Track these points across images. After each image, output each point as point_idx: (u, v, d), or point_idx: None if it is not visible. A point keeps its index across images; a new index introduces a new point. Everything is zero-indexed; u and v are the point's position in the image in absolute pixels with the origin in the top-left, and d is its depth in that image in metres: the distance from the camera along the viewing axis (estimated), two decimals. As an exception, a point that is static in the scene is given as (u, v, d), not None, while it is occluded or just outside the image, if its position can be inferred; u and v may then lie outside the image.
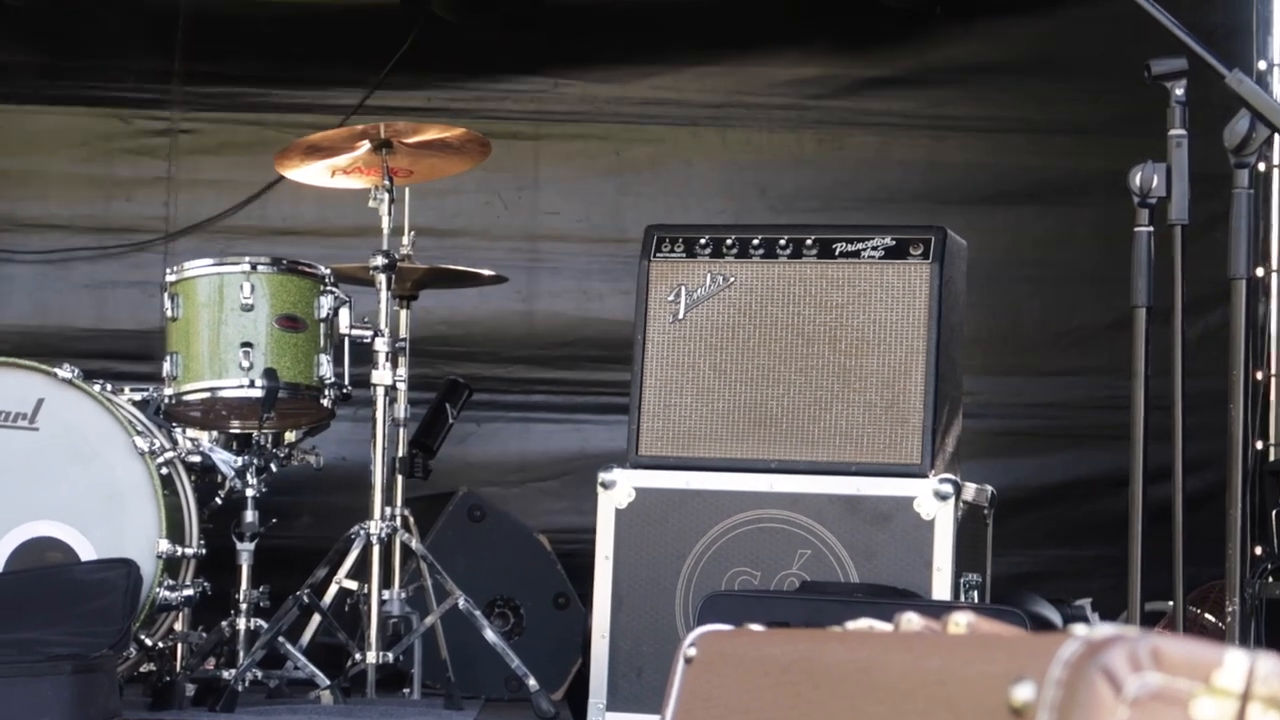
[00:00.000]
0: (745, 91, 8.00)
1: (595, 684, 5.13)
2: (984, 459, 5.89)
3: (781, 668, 1.80)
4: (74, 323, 7.73)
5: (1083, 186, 7.50)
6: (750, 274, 5.21)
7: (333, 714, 5.37)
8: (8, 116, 7.94)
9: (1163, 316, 4.78)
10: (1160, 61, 4.46)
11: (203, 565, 5.69)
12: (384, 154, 5.74)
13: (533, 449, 7.79)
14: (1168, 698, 1.15)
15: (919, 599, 4.74)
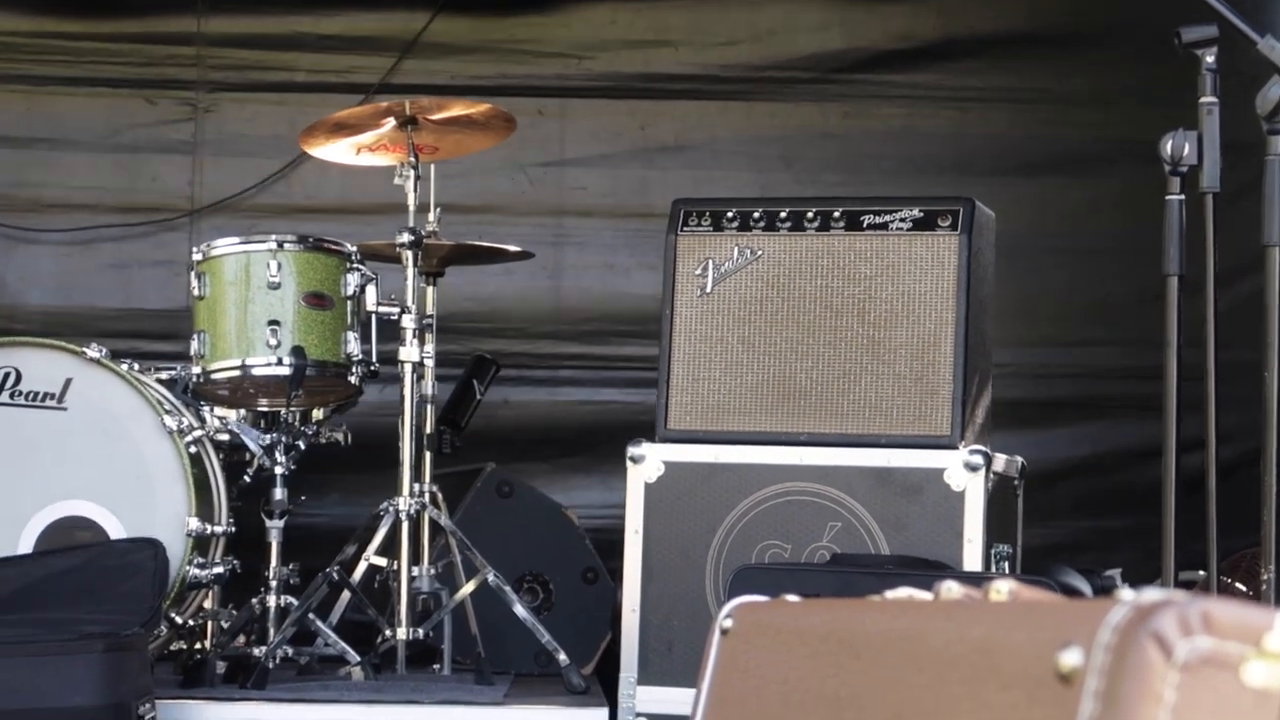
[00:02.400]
0: (770, 65, 8.00)
1: (626, 658, 5.14)
2: (1014, 430, 5.89)
3: (820, 638, 1.80)
4: (101, 302, 7.75)
5: (1109, 156, 7.48)
6: (777, 247, 5.21)
7: (363, 690, 5.37)
8: (33, 98, 7.96)
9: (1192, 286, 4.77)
10: (1191, 29, 4.44)
11: (232, 543, 5.69)
12: (409, 131, 5.74)
13: (560, 424, 7.79)
14: (1218, 662, 1.14)
15: (950, 570, 4.74)
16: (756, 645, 2.00)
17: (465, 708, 5.20)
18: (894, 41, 8.05)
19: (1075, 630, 1.22)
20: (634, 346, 7.37)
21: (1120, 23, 7.56)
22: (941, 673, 1.46)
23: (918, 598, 1.75)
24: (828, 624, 1.82)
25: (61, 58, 7.98)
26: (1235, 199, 4.65)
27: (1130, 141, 5.60)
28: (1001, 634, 1.39)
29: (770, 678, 1.89)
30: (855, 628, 1.73)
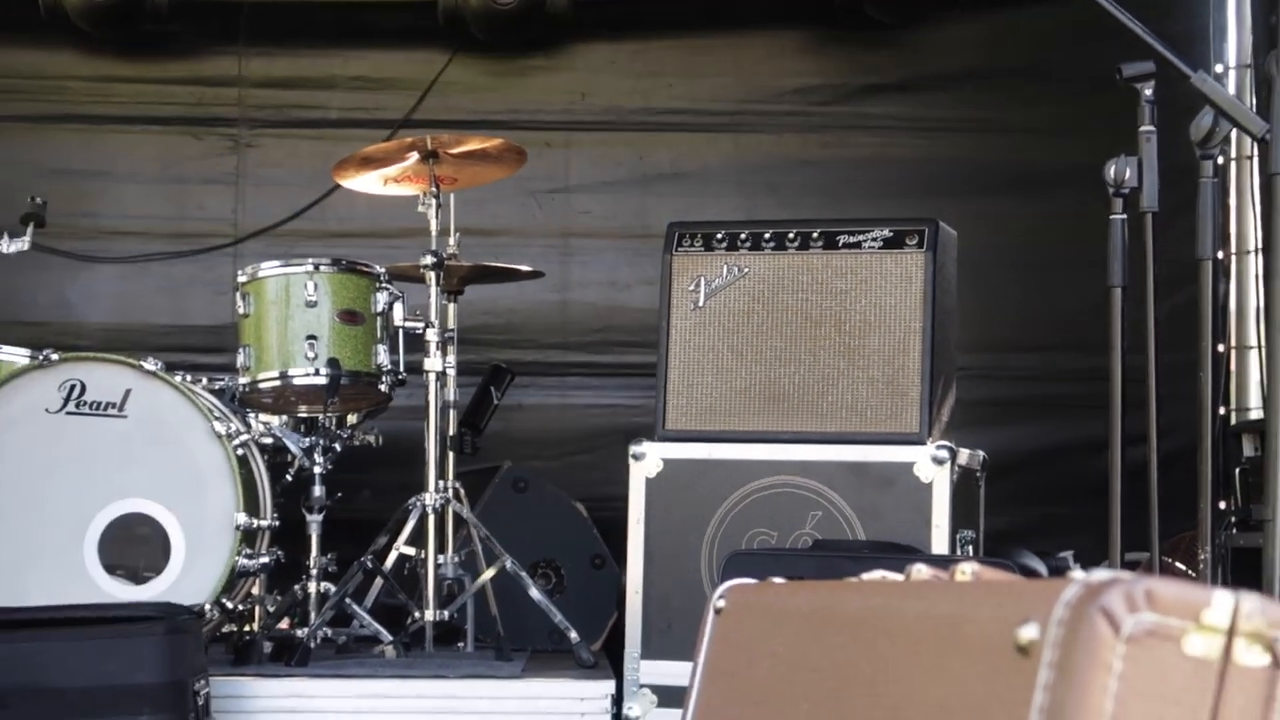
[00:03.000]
0: (755, 100, 8.00)
1: (630, 635, 5.14)
2: (975, 427, 5.87)
3: (804, 615, 1.81)
4: (155, 320, 7.75)
5: (1059, 179, 7.48)
6: (763, 264, 5.21)
7: (395, 667, 5.37)
8: (92, 136, 7.96)
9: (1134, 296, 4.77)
10: (1131, 65, 4.46)
11: (276, 536, 5.70)
12: (431, 164, 5.74)
13: (569, 426, 7.79)
14: (1162, 635, 1.15)
15: (920, 554, 4.74)
16: (747, 623, 2.01)
17: (487, 681, 5.19)
18: (866, 78, 8.05)
19: (1032, 607, 1.23)
20: (634, 355, 7.36)
21: (1067, 60, 7.56)
22: (913, 646, 1.47)
23: (891, 579, 1.76)
24: (811, 603, 1.83)
25: (116, 99, 7.98)
26: (1173, 218, 4.65)
27: (1078, 166, 5.58)
28: (966, 611, 1.40)
29: (760, 651, 1.89)
30: (835, 606, 1.73)
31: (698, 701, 2.08)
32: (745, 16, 8.04)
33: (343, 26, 7.99)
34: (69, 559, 5.28)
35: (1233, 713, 1.17)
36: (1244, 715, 1.17)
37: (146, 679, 4.36)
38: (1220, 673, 1.16)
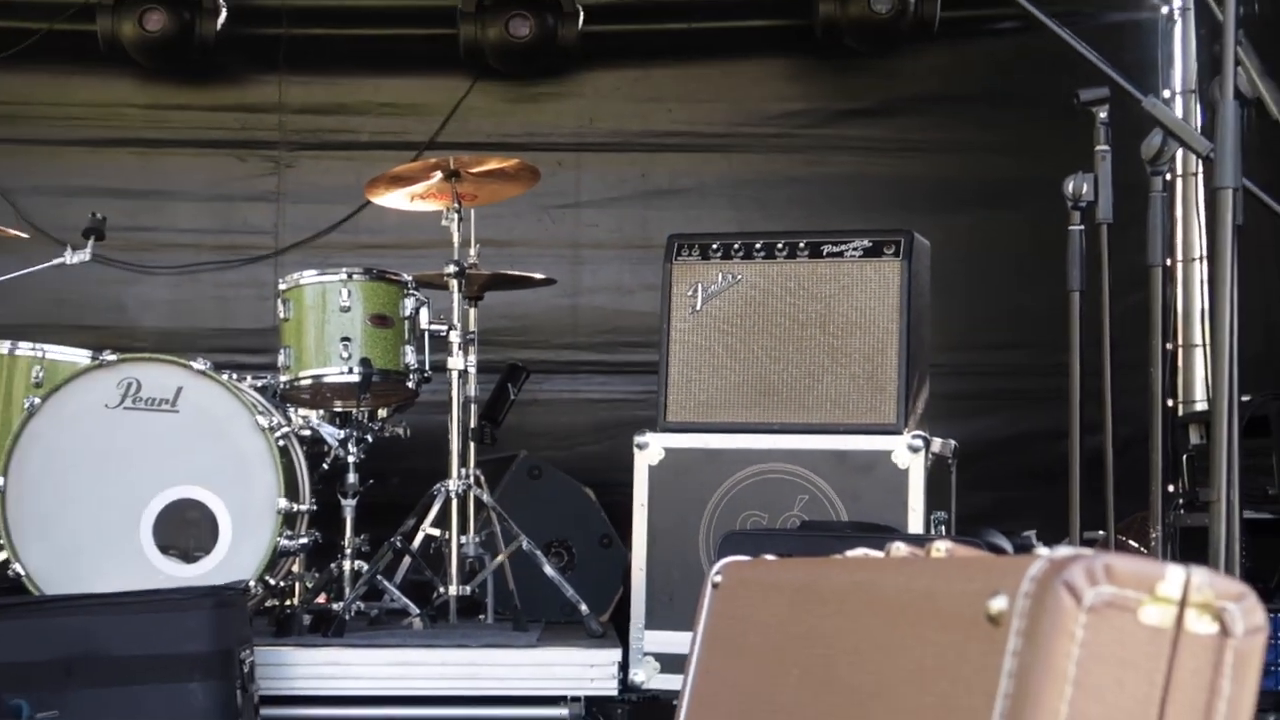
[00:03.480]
0: (746, 123, 8.01)
1: (635, 608, 5.14)
2: (947, 418, 5.87)
3: (794, 589, 1.81)
4: (203, 324, 7.76)
5: (1021, 194, 7.48)
6: (754, 272, 5.21)
7: (422, 637, 5.37)
8: (147, 158, 7.97)
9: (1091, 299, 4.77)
10: (1088, 91, 4.45)
11: (314, 519, 5.69)
12: (453, 182, 5.73)
13: (579, 418, 7.79)
14: (1119, 605, 1.15)
15: (897, 533, 4.74)
16: (741, 596, 2.00)
17: (505, 650, 5.19)
18: (846, 103, 8.06)
19: (1001, 581, 1.23)
20: (638, 354, 7.35)
21: (1029, 85, 7.55)
22: (892, 616, 1.47)
23: (872, 555, 1.76)
24: (799, 578, 1.83)
25: (169, 124, 8.00)
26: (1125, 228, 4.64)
27: (1039, 182, 5.57)
28: (941, 584, 1.40)
29: (753, 622, 1.89)
30: (822, 581, 1.73)
31: (697, 668, 2.08)
32: (736, 47, 8.05)
33: (373, 57, 8.00)
34: (127, 540, 5.28)
35: (1185, 676, 1.16)
36: (1195, 678, 1.16)
37: (197, 648, 4.37)
38: (1173, 640, 1.16)
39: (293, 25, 7.93)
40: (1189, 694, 1.16)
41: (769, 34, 8.04)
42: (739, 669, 1.90)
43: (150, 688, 4.33)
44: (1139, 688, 1.16)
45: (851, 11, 7.58)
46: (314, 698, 5.04)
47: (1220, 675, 1.16)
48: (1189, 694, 1.16)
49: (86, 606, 4.38)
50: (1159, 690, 1.16)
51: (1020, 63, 7.57)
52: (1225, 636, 1.16)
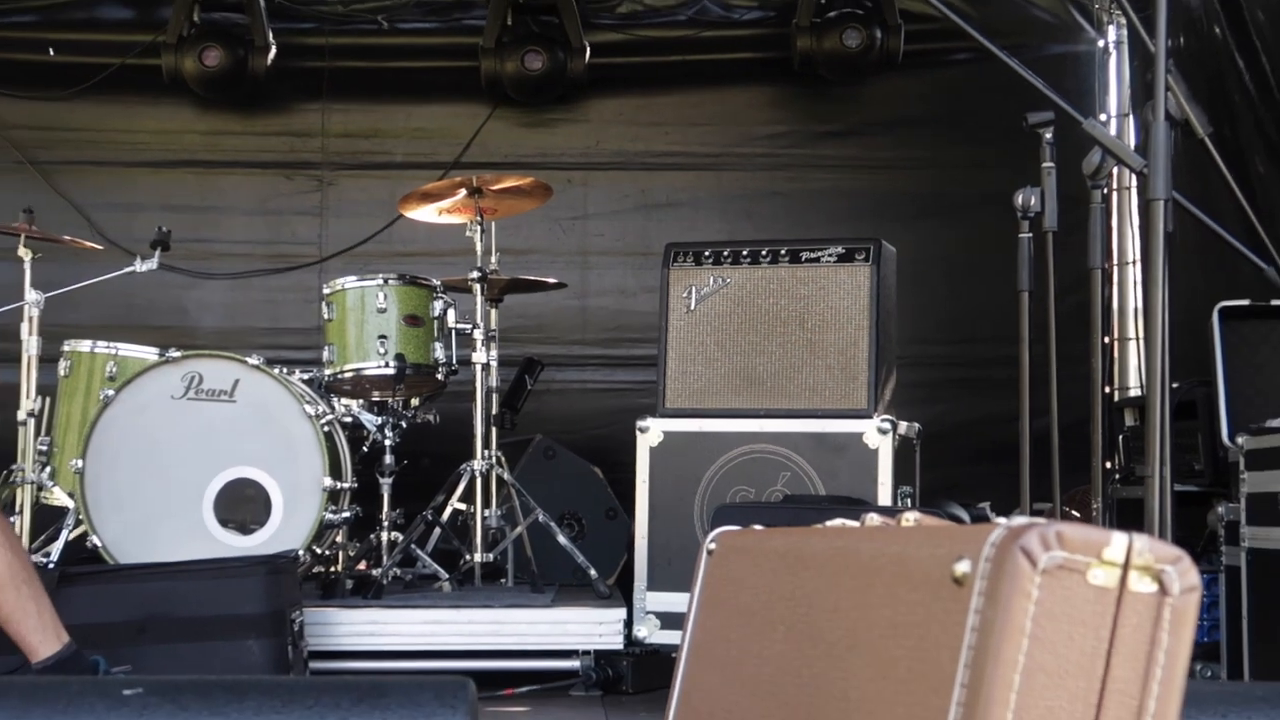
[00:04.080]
0: (735, 144, 8.02)
1: (638, 571, 5.13)
2: (912, 404, 5.86)
3: (779, 555, 1.80)
4: (256, 324, 7.76)
5: (976, 205, 7.47)
6: (741, 276, 5.20)
7: (451, 599, 5.38)
8: (205, 177, 7.98)
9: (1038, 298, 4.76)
10: (1035, 114, 4.47)
11: (355, 495, 5.69)
12: (476, 197, 5.73)
13: (588, 405, 7.79)
14: (1070, 568, 1.14)
15: (869, 505, 4.73)
16: (733, 561, 2.00)
17: (524, 609, 5.19)
18: (822, 126, 8.06)
19: (965, 547, 1.22)
20: (640, 349, 7.35)
21: (982, 110, 7.54)
22: (867, 578, 1.46)
23: (849, 525, 1.75)
24: (785, 545, 1.82)
25: (224, 148, 8.01)
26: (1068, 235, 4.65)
27: (991, 195, 5.58)
28: (910, 550, 1.39)
29: (744, 584, 1.88)
30: (805, 547, 1.72)
31: (695, 625, 2.07)
32: (726, 78, 8.06)
33: (405, 88, 8.01)
34: (191, 515, 5.28)
35: (1128, 630, 1.16)
36: (1137, 632, 1.16)
37: (253, 610, 4.37)
38: (1118, 598, 1.15)
39: (334, 60, 7.93)
40: (1132, 646, 1.16)
41: (754, 66, 8.04)
42: (731, 626, 1.90)
43: (212, 644, 4.33)
44: (1087, 641, 1.15)
45: (826, 46, 7.58)
46: (356, 652, 5.04)
47: (1159, 629, 1.16)
48: (1132, 646, 1.16)
49: (156, 573, 4.38)
50: (1105, 643, 1.16)
51: (974, 90, 7.57)
52: (1164, 595, 1.16)
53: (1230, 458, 4.73)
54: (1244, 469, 4.54)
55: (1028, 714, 1.15)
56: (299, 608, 4.68)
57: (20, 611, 3.65)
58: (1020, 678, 1.14)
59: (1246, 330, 5.19)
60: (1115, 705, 1.16)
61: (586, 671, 5.09)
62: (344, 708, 1.44)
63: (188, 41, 7.55)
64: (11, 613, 3.65)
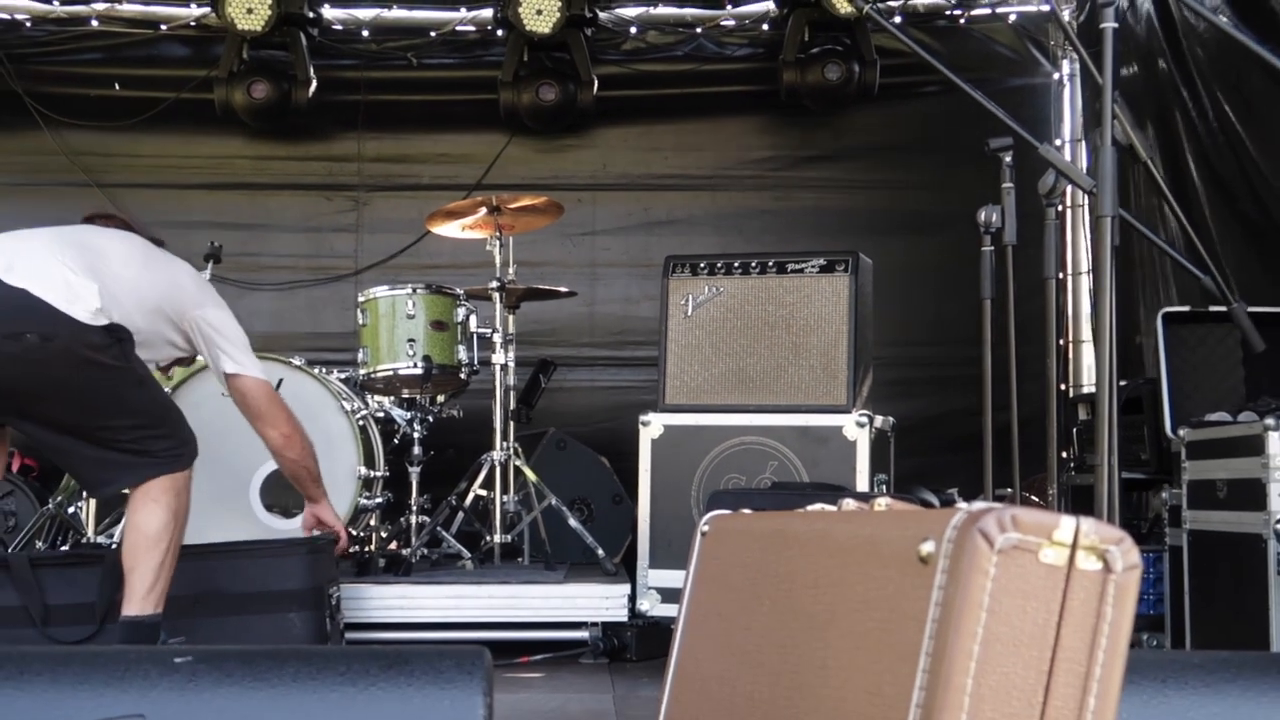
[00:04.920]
0: (727, 167, 8.02)
1: (641, 551, 5.13)
2: (887, 400, 5.85)
3: (766, 536, 1.80)
4: (298, 329, 7.77)
5: (944, 222, 7.47)
6: (734, 285, 5.20)
7: (473, 576, 5.37)
8: (253, 197, 7.99)
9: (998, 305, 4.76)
10: (995, 140, 4.46)
11: (386, 483, 5.70)
12: (496, 215, 5.73)
13: (596, 402, 7.79)
14: (1023, 548, 1.14)
15: (848, 491, 4.73)
16: (725, 542, 1.99)
17: (538, 585, 5.19)
18: (806, 151, 8.07)
19: (930, 529, 1.22)
20: (642, 351, 7.36)
21: (948, 136, 7.53)
22: (844, 557, 1.46)
23: (827, 509, 1.75)
24: (770, 528, 1.82)
25: (270, 171, 8.03)
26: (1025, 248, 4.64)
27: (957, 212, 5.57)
28: (882, 532, 1.39)
29: (734, 562, 1.88)
30: (787, 529, 1.72)
31: (689, 599, 2.07)
32: (720, 108, 8.06)
33: (432, 118, 8.02)
34: (239, 501, 5.29)
35: (1076, 604, 1.16)
36: (1084, 606, 1.16)
37: (294, 586, 4.36)
38: (1066, 575, 1.15)
39: (369, 93, 7.94)
40: (1079, 618, 1.16)
41: (745, 98, 8.04)
42: (722, 600, 1.90)
43: (258, 617, 4.32)
44: (1039, 614, 1.15)
45: (809, 79, 7.58)
46: (387, 624, 5.04)
47: (1104, 603, 1.16)
48: (1079, 618, 1.16)
49: (208, 553, 4.38)
50: (1055, 615, 1.15)
51: (942, 119, 7.56)
52: (1108, 572, 1.16)
53: (1173, 448, 4.73)
54: (1185, 459, 4.55)
55: (986, 680, 1.14)
56: (336, 584, 4.68)
57: (150, 573, 3.71)
58: (979, 647, 1.14)
59: (1186, 333, 5.19)
60: (1065, 672, 1.16)
61: (595, 641, 5.09)
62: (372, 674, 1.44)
63: (238, 76, 7.56)
64: (142, 567, 3.70)
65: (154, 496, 3.73)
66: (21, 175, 7.86)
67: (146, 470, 3.75)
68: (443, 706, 1.41)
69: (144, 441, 3.74)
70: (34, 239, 3.75)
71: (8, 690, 1.45)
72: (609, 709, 4.23)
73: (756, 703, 1.62)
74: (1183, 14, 6.24)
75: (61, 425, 3.68)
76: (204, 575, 4.30)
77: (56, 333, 3.54)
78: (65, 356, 3.56)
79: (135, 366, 3.77)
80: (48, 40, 7.87)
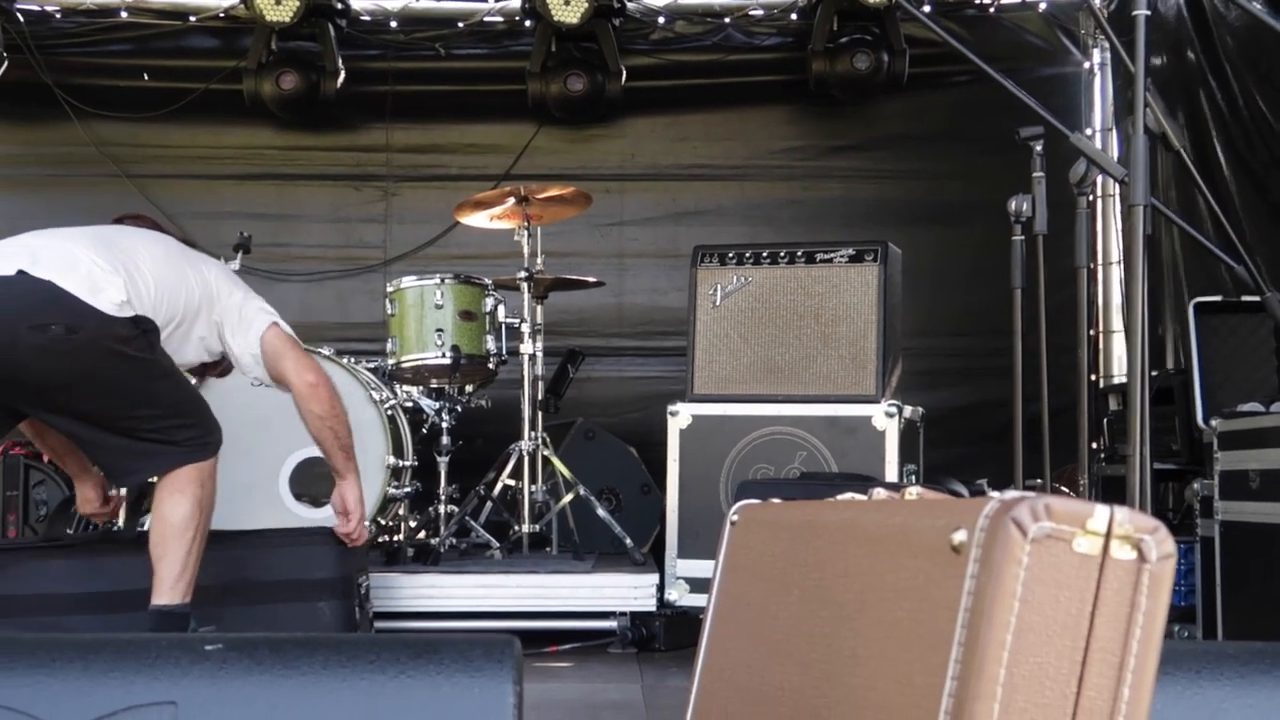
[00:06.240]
0: (755, 157, 8.00)
1: (669, 541, 5.14)
2: (916, 390, 5.84)
3: (796, 526, 1.79)
4: (328, 319, 7.78)
5: (974, 211, 7.45)
6: (762, 275, 5.19)
7: (501, 565, 5.38)
8: (283, 188, 8.00)
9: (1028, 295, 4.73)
10: (1026, 128, 4.44)
11: (416, 472, 5.71)
12: (523, 205, 5.73)
13: (624, 392, 7.79)
14: (1057, 537, 1.13)
15: (877, 481, 4.71)
16: (754, 532, 1.99)
17: (567, 575, 5.20)
18: (834, 141, 8.04)
19: (962, 518, 1.21)
20: (670, 341, 7.36)
21: (978, 125, 7.52)
22: (874, 546, 1.45)
23: (857, 499, 1.74)
24: (800, 517, 1.81)
25: (299, 162, 8.03)
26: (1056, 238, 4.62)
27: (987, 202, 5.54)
28: (913, 521, 1.38)
29: (764, 552, 1.88)
30: (817, 519, 1.71)
31: (718, 589, 2.07)
32: (747, 98, 8.04)
33: (460, 108, 8.02)
34: (269, 489, 5.31)
35: (1110, 594, 1.14)
36: (1118, 596, 1.15)
37: (324, 575, 4.38)
38: (1100, 565, 1.14)
39: (397, 84, 7.95)
40: (1113, 609, 1.15)
41: (773, 88, 8.01)
42: (752, 590, 1.89)
43: (288, 606, 4.34)
44: (1073, 604, 1.14)
45: (838, 69, 7.56)
46: (416, 613, 5.06)
47: (1139, 593, 1.14)
48: (1113, 609, 1.15)
49: (238, 542, 4.39)
50: (1089, 605, 1.14)
51: (971, 108, 7.54)
52: (1142, 562, 1.14)
53: (1205, 439, 4.71)
54: (1218, 449, 4.52)
55: (1019, 669, 1.13)
56: (365, 573, 4.70)
57: (178, 562, 3.72)
58: (1012, 637, 1.13)
59: (1218, 323, 5.16)
60: (1098, 662, 1.15)
61: (623, 631, 5.09)
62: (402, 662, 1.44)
63: (266, 67, 7.58)
64: (169, 557, 3.72)
65: (179, 487, 3.75)
66: (52, 167, 7.89)
67: (171, 459, 3.77)
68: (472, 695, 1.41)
69: (169, 431, 3.76)
70: (61, 235, 3.77)
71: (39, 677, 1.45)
72: (637, 698, 4.23)
73: (786, 692, 1.62)
74: (1212, 3, 6.20)
75: (87, 416, 3.70)
76: (234, 564, 4.32)
77: (82, 324, 3.55)
78: (91, 348, 3.57)
79: (160, 358, 3.78)
80: (77, 32, 7.90)
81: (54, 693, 1.42)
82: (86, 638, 1.47)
